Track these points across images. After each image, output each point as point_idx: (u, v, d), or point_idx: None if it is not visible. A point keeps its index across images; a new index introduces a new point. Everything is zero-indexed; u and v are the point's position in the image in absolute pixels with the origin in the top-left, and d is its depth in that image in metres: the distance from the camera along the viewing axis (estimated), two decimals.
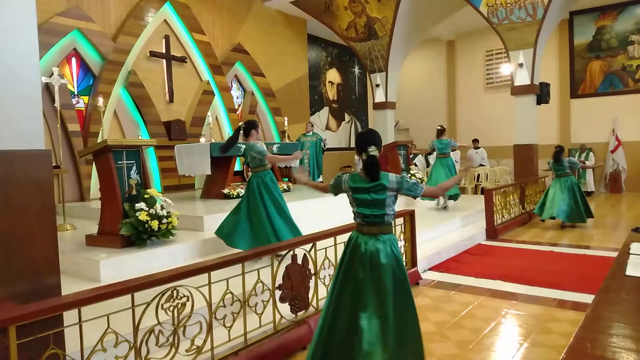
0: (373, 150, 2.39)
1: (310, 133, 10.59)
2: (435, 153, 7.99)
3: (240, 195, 5.79)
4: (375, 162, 2.40)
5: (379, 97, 11.91)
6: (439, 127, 7.95)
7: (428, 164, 11.75)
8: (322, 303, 3.22)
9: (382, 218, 2.44)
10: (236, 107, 10.81)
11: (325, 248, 3.49)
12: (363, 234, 2.46)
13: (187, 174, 7.22)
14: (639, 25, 11.87)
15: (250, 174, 4.63)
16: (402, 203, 7.67)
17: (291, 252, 3.25)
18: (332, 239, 3.53)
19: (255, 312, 2.98)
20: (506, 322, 3.66)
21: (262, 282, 3.01)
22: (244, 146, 4.54)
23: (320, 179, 10.23)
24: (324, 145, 10.63)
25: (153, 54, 8.90)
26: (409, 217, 4.70)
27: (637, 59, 11.94)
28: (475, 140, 12.51)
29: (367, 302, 2.35)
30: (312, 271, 3.38)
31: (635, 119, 11.89)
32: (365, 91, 15.64)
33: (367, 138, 2.45)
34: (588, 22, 12.52)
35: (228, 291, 2.79)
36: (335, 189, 2.60)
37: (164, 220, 4.38)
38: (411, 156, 11.35)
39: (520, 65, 9.48)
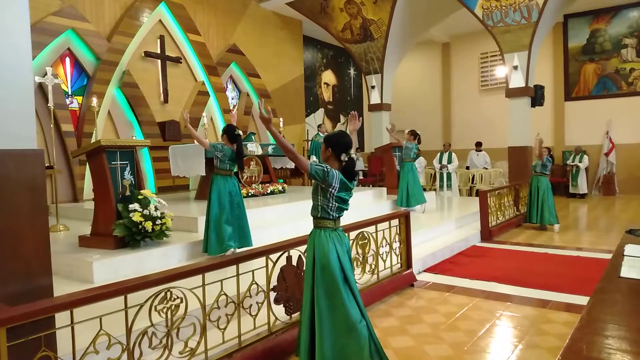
0: (352, 153, 2.51)
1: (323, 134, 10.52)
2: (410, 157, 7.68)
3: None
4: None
5: (375, 98, 11.94)
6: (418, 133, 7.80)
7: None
8: None
9: None
10: (231, 107, 10.78)
11: None
12: (334, 228, 2.56)
13: (181, 174, 7.17)
14: (632, 29, 11.97)
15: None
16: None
17: (286, 254, 3.24)
18: None
19: (250, 313, 2.97)
20: (501, 323, 3.67)
21: (256, 283, 2.99)
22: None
23: None
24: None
25: (148, 54, 8.85)
26: (404, 218, 4.68)
27: (630, 62, 12.03)
28: (478, 144, 12.58)
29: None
30: None
31: (628, 122, 11.98)
32: (361, 93, 15.66)
33: (349, 141, 2.54)
34: (582, 25, 12.60)
35: (222, 293, 2.78)
36: (320, 178, 2.43)
37: (158, 221, 4.35)
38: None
39: (515, 67, 9.52)
